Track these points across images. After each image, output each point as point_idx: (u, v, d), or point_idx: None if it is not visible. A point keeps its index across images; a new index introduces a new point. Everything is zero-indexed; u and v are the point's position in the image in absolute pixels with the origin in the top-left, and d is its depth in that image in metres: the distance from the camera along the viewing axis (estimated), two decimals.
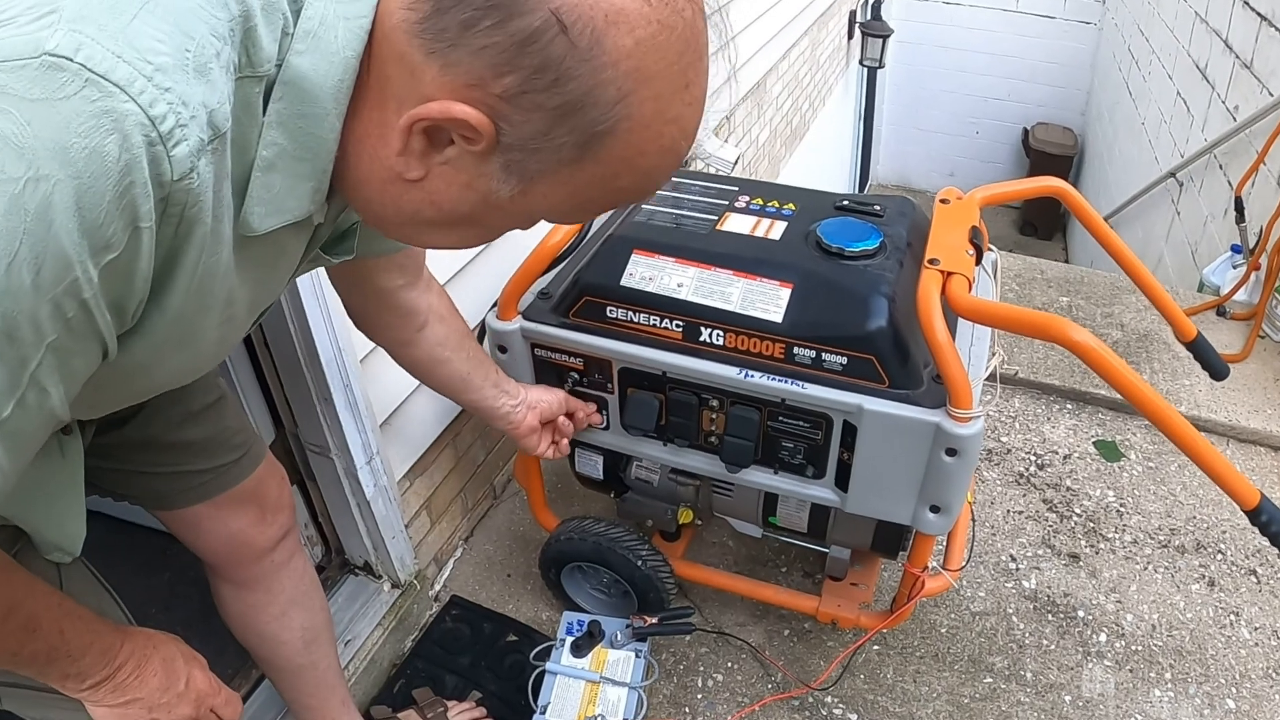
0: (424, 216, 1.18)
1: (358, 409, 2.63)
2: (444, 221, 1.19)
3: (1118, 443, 3.91)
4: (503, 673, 2.99)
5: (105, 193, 0.91)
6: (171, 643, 1.65)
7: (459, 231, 1.23)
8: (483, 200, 1.14)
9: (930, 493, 2.29)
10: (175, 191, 0.97)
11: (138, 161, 0.92)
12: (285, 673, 2.35)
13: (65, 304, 0.94)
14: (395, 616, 3.04)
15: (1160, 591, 3.29)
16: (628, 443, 2.62)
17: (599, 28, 1.01)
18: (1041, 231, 11.18)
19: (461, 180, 1.12)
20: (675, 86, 1.09)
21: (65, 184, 0.89)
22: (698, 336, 2.35)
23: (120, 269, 0.98)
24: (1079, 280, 4.88)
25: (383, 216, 1.21)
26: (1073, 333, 1.93)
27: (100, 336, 1.02)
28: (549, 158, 1.09)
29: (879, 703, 2.93)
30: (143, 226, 0.96)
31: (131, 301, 1.04)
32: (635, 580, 2.84)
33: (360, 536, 2.93)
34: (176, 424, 1.88)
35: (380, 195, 1.16)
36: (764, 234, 2.43)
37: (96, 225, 0.92)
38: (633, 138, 1.09)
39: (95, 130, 0.89)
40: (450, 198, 1.14)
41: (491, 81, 1.02)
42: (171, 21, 0.96)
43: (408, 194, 1.15)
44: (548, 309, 2.51)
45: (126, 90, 0.91)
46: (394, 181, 1.14)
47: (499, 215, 1.18)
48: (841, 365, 2.24)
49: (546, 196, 1.14)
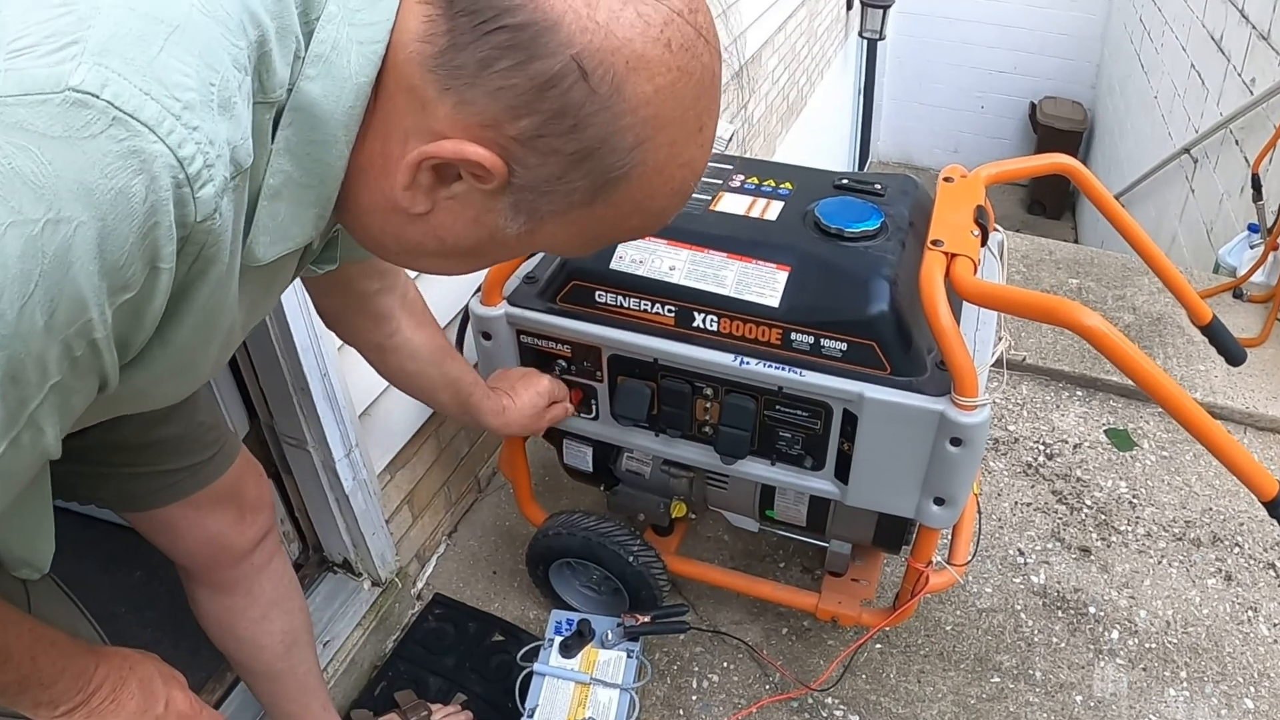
0: (426, 249, 1.18)
1: (335, 399, 2.62)
2: (444, 253, 1.19)
3: (1130, 431, 3.92)
4: (488, 674, 2.99)
5: (129, 235, 0.91)
6: (149, 662, 1.64)
7: (458, 261, 1.23)
8: (489, 236, 1.15)
9: (934, 484, 2.29)
10: (197, 232, 0.97)
11: (164, 204, 0.92)
12: (264, 677, 2.35)
13: (75, 344, 0.94)
14: (376, 616, 3.03)
15: (1175, 586, 3.29)
16: (618, 433, 2.62)
17: (619, 74, 1.01)
18: (1050, 211, 11.18)
19: (468, 216, 1.12)
20: (689, 130, 1.10)
21: (88, 226, 0.88)
22: (691, 322, 2.35)
23: (133, 308, 0.98)
24: (1089, 261, 4.89)
25: (383, 245, 1.21)
26: (1082, 316, 1.93)
27: (103, 373, 1.02)
28: (560, 200, 1.09)
29: (881, 704, 2.94)
30: (162, 267, 0.96)
31: (138, 337, 1.03)
32: (626, 577, 2.84)
33: (339, 533, 2.93)
34: (147, 423, 1.87)
35: (382, 225, 1.17)
36: (760, 214, 2.42)
37: (117, 267, 0.92)
38: (645, 182, 1.10)
39: (122, 171, 0.88)
40: (455, 232, 1.15)
41: (507, 124, 1.02)
42: (197, 54, 0.94)
43: (411, 226, 1.15)
44: (534, 294, 2.51)
45: (155, 130, 0.90)
46: (397, 213, 1.14)
47: (502, 250, 1.19)
48: (841, 351, 2.24)
49: (554, 235, 1.15)
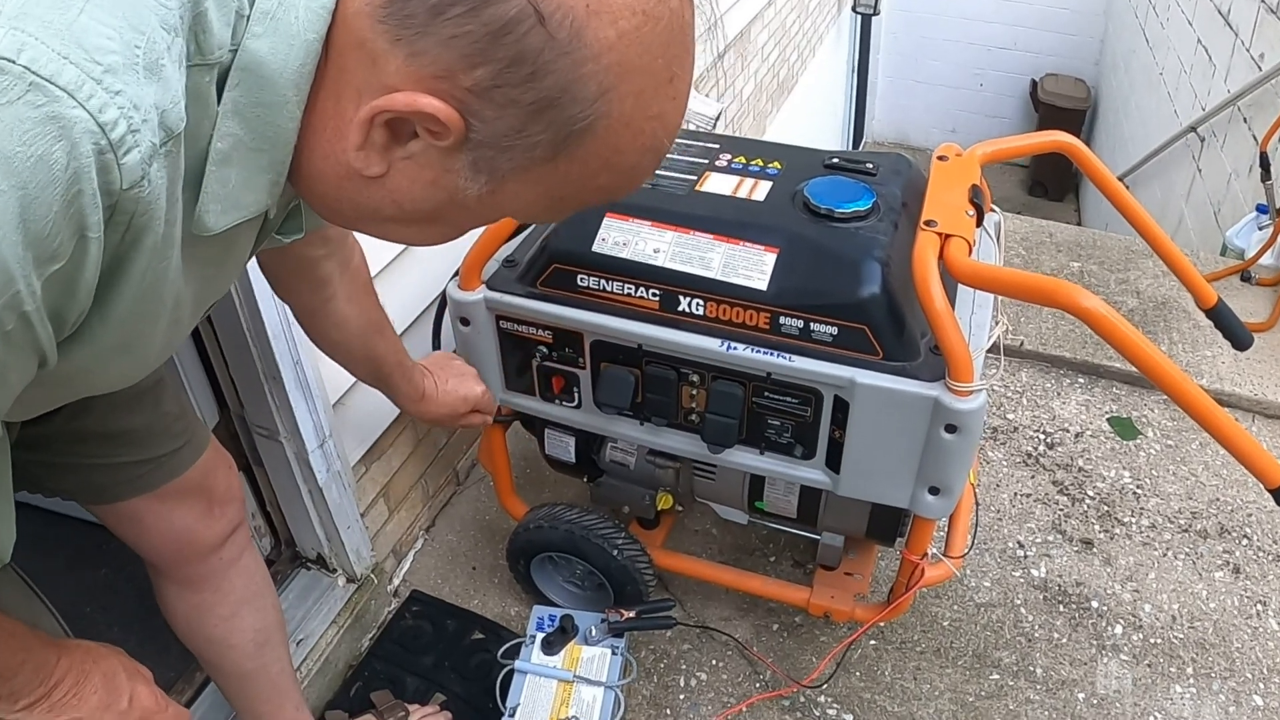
0: (384, 214, 1.17)
1: (309, 388, 2.63)
2: (404, 219, 1.18)
3: (1134, 419, 3.94)
4: (468, 673, 3.00)
5: (52, 203, 0.91)
6: (113, 656, 1.65)
7: (420, 229, 1.22)
8: (449, 199, 1.13)
9: (929, 473, 2.30)
10: (124, 200, 0.97)
11: (86, 171, 0.92)
12: (234, 677, 2.36)
13: (4, 317, 0.94)
14: (351, 613, 3.04)
15: (1181, 580, 3.31)
16: (601, 422, 2.63)
17: (579, 18, 1.00)
18: (1052, 192, 11.20)
19: (426, 177, 1.11)
20: (659, 81, 1.08)
21: (8, 194, 0.88)
22: (676, 306, 2.36)
23: (64, 279, 0.98)
24: (1091, 244, 4.91)
25: (339, 212, 1.20)
26: (1080, 298, 1.94)
27: (39, 348, 1.02)
28: (522, 156, 1.08)
29: (876, 701, 2.96)
30: (90, 236, 0.96)
31: (73, 311, 1.04)
32: (611, 571, 2.85)
33: (312, 527, 2.93)
34: (111, 412, 1.88)
35: (337, 191, 1.15)
36: (747, 195, 2.43)
37: (42, 237, 0.92)
38: (612, 136, 1.08)
39: (40, 138, 0.88)
40: (413, 195, 1.13)
41: (462, 74, 1.01)
42: (120, 15, 0.94)
43: (367, 190, 1.14)
44: (513, 278, 2.52)
45: (74, 95, 0.90)
46: (352, 178, 1.13)
47: (464, 214, 1.18)
48: (832, 336, 2.25)
49: (518, 195, 1.14)
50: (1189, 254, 4.90)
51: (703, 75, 5.15)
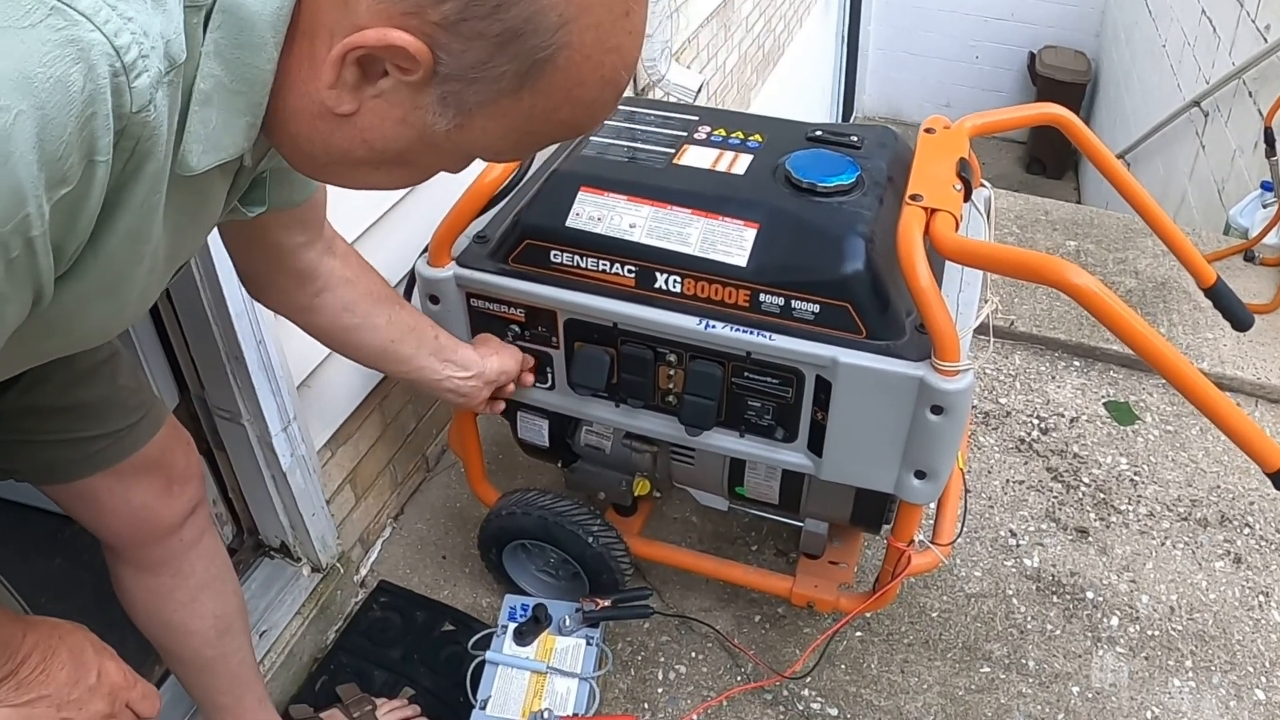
0: (355, 155, 1.23)
1: (272, 369, 2.64)
2: (375, 160, 1.24)
3: (1131, 404, 3.96)
4: (438, 666, 3.02)
5: (68, 124, 0.96)
6: (79, 632, 1.66)
7: (389, 171, 1.28)
8: (418, 136, 1.20)
9: (915, 456, 2.32)
10: (132, 124, 1.03)
11: (101, 93, 0.98)
12: (194, 667, 2.36)
13: (12, 243, 0.98)
14: (316, 604, 3.06)
15: (1180, 570, 3.34)
16: (575, 404, 2.64)
17: None
18: (1051, 169, 11.20)
19: (396, 115, 1.18)
20: (615, 14, 1.16)
21: (27, 115, 0.93)
22: (652, 283, 2.37)
23: (70, 205, 1.03)
24: (1088, 222, 4.93)
25: (311, 155, 1.26)
26: (1070, 275, 1.95)
27: (38, 280, 1.06)
28: (488, 89, 1.15)
29: (862, 695, 2.98)
30: (99, 160, 1.02)
31: (73, 242, 1.09)
32: (586, 560, 2.87)
33: (276, 514, 2.94)
34: (64, 386, 1.88)
35: (309, 132, 1.21)
36: (726, 168, 2.45)
37: (56, 158, 0.97)
38: (573, 68, 1.15)
39: (60, 60, 0.94)
40: (383, 134, 1.20)
41: (430, 9, 1.08)
42: None
43: (339, 130, 1.20)
44: (484, 254, 2.53)
45: (92, 19, 0.96)
46: (324, 117, 1.19)
47: (433, 153, 1.24)
48: (813, 314, 2.27)
49: (485, 131, 1.20)
50: (1191, 233, 4.92)
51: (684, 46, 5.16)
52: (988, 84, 11.53)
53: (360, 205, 2.73)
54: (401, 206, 2.91)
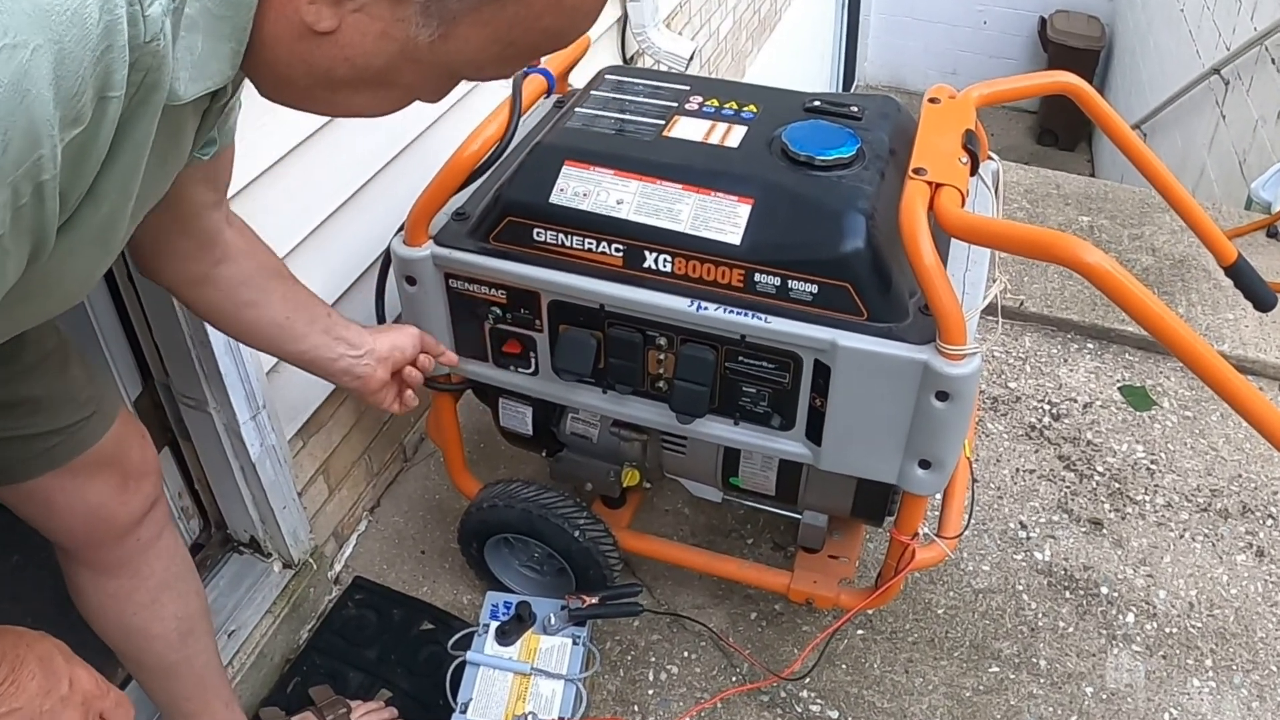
0: (337, 75, 1.25)
1: (239, 354, 2.63)
2: (357, 80, 1.26)
3: (1148, 388, 3.96)
4: (416, 667, 3.01)
5: (85, 58, 0.98)
6: (47, 640, 1.65)
7: (372, 92, 1.30)
8: (400, 51, 1.22)
9: (919, 445, 2.32)
10: (144, 55, 1.05)
11: (118, 23, 1.00)
12: (156, 671, 2.35)
13: (22, 188, 1.00)
14: (288, 602, 3.05)
15: (1199, 563, 3.34)
16: (560, 390, 2.64)
17: None
18: (1063, 141, 11.19)
19: (377, 28, 1.20)
20: None
21: (45, 50, 0.94)
22: (641, 262, 2.36)
23: (80, 147, 1.05)
24: (1102, 196, 4.92)
25: (290, 79, 1.27)
26: (1082, 252, 1.95)
27: (43, 231, 1.08)
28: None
29: (864, 696, 2.97)
30: (111, 96, 1.04)
31: (77, 188, 1.11)
32: (572, 554, 2.86)
33: (245, 507, 2.94)
34: (10, 380, 1.86)
35: (289, 55, 1.23)
36: (719, 141, 2.44)
37: (71, 95, 0.99)
38: None
39: None
40: (365, 50, 1.22)
41: None
42: None
43: (320, 49, 1.22)
44: (464, 232, 2.52)
45: None
46: (305, 37, 1.21)
47: (416, 70, 1.26)
48: (811, 295, 2.26)
49: (468, 41, 1.23)
50: (1210, 208, 4.92)
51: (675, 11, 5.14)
52: (996, 51, 11.51)
53: (333, 182, 2.73)
54: (377, 182, 2.90)
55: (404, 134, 2.97)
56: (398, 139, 2.96)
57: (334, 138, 2.65)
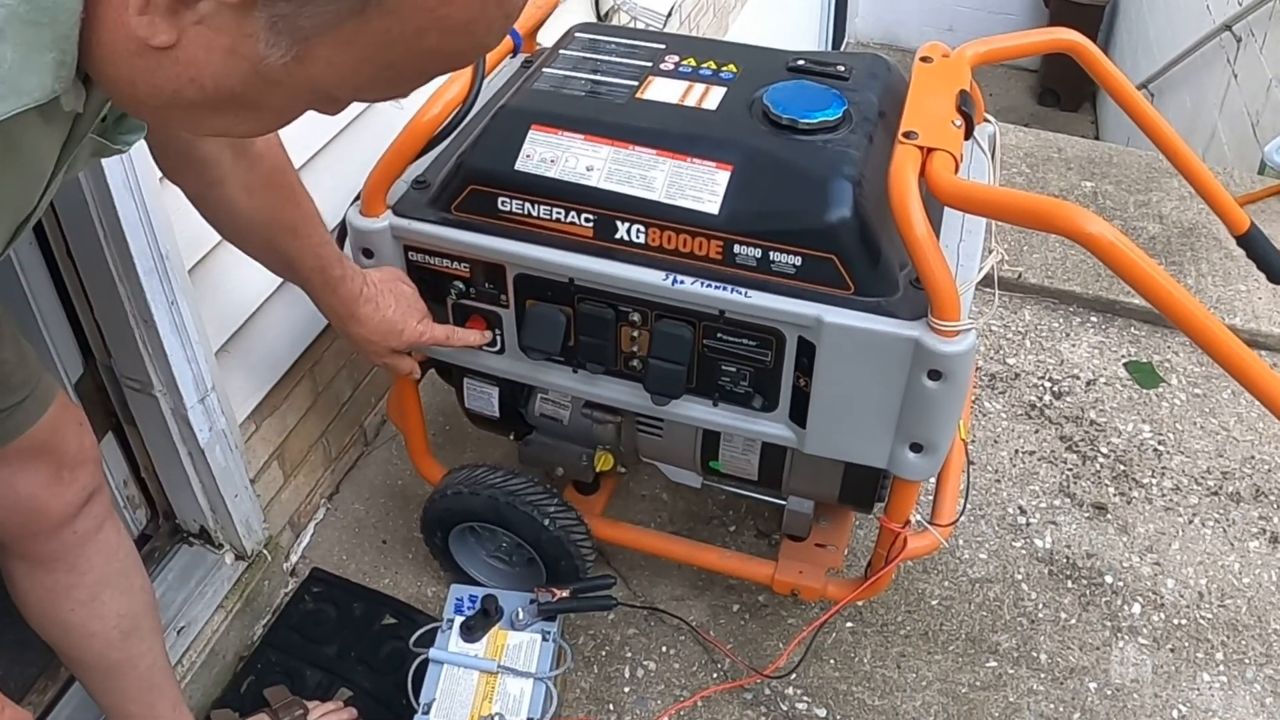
0: (186, 97, 1.16)
1: (187, 332, 2.61)
2: (211, 103, 1.17)
3: (1155, 364, 3.96)
4: (378, 664, 3.01)
5: None
6: None
7: (235, 116, 1.22)
8: (253, 71, 1.13)
9: (910, 427, 2.31)
10: None
11: None
12: (98, 671, 2.34)
13: None
14: (241, 596, 3.04)
15: (1209, 550, 3.33)
16: (528, 370, 2.63)
17: None
18: (1066, 101, 11.20)
19: (222, 44, 1.11)
20: None
21: None
22: (613, 233, 2.35)
23: None
24: (1106, 160, 4.92)
25: (136, 99, 1.20)
26: (1083, 222, 1.94)
27: None
28: (323, 9, 1.08)
29: (853, 693, 2.97)
30: None
31: None
32: (542, 544, 2.85)
33: (194, 495, 2.92)
34: None
35: (130, 72, 1.15)
36: (696, 103, 2.42)
37: None
38: None
39: None
40: (212, 70, 1.13)
41: None
42: None
43: (161, 68, 1.14)
44: (424, 201, 2.50)
45: None
46: (142, 53, 1.13)
47: (279, 92, 1.17)
48: (795, 267, 2.25)
49: (331, 63, 1.13)
50: (1222, 173, 4.91)
51: None
52: (994, 5, 11.52)
53: None
54: (331, 148, 2.88)
55: None
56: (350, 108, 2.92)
57: None
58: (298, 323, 3.04)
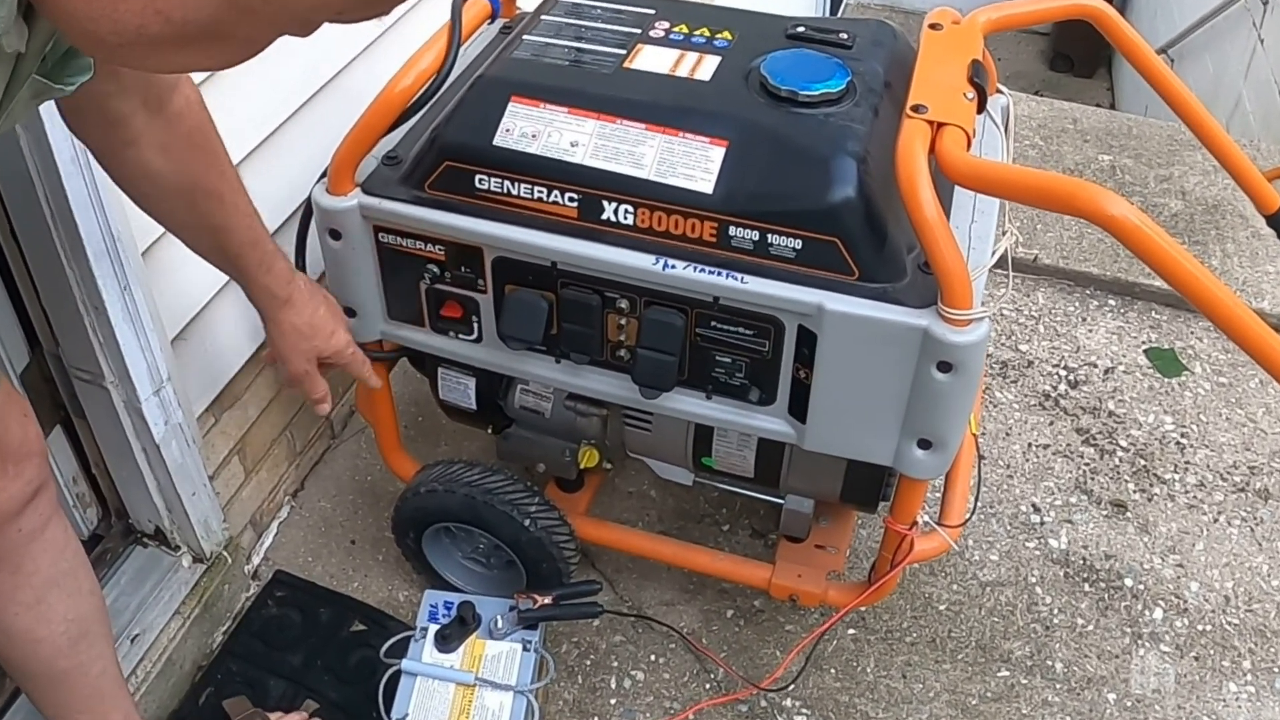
0: (151, 32, 1.11)
1: (140, 319, 2.60)
2: (179, 37, 1.13)
3: (1177, 351, 3.96)
4: (346, 674, 3.00)
5: None
6: None
7: (203, 49, 1.18)
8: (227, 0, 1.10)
9: (918, 422, 2.30)
10: None
11: None
12: (44, 680, 2.33)
13: None
14: (199, 601, 3.03)
15: (1236, 551, 3.34)
16: (508, 359, 2.62)
17: None
18: (1080, 66, 11.18)
19: None
20: None
21: None
22: (599, 214, 2.34)
23: None
24: (1125, 132, 4.91)
25: (96, 37, 1.14)
26: (1106, 204, 1.93)
27: None
28: None
29: (856, 705, 2.97)
30: None
31: None
32: (522, 546, 2.85)
33: (148, 493, 2.91)
34: None
35: (88, 8, 1.10)
36: (689, 73, 2.42)
37: None
38: None
39: None
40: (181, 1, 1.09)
41: None
42: None
43: (125, 2, 1.09)
44: (395, 179, 2.49)
45: None
46: None
47: (252, 20, 1.14)
48: (795, 251, 2.24)
49: None
50: (1248, 146, 4.91)
51: None
52: None
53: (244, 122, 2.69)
54: (297, 121, 2.87)
55: (326, 66, 2.93)
56: (319, 72, 2.92)
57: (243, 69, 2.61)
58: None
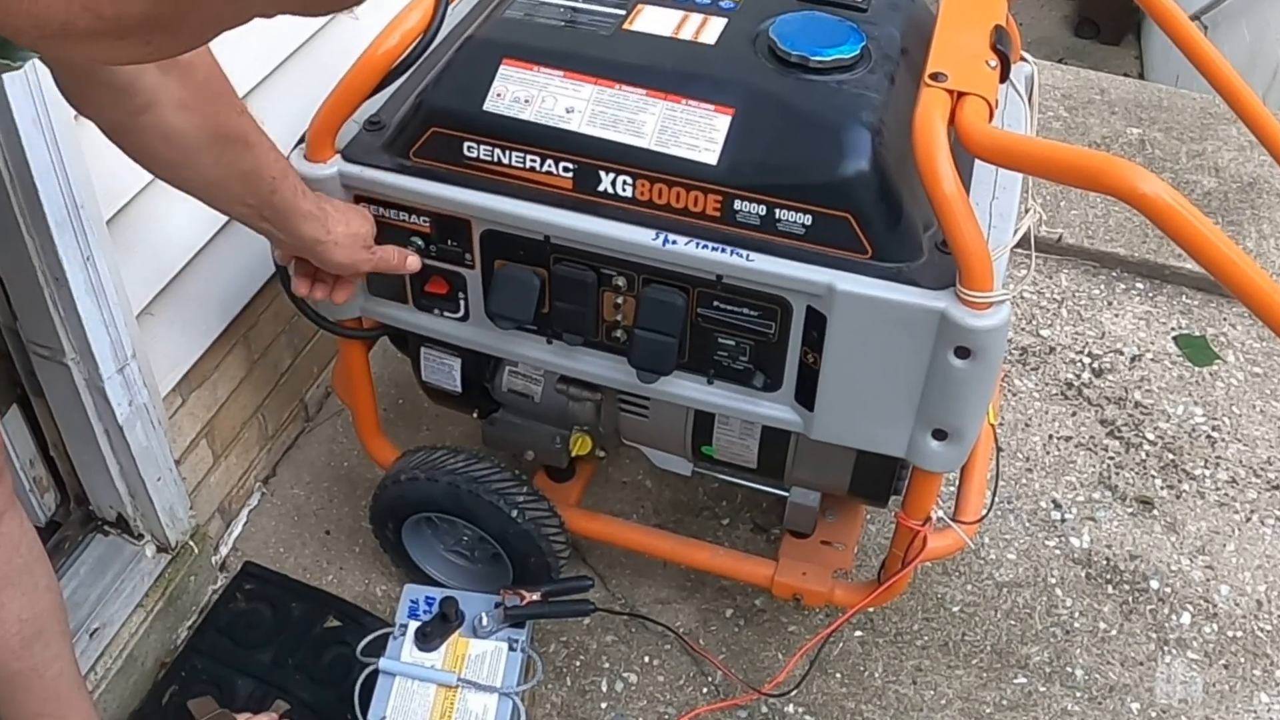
0: (78, 27, 1.04)
1: (104, 292, 2.59)
2: (114, 31, 1.06)
3: (1209, 338, 3.96)
4: (319, 673, 3.00)
5: None
6: None
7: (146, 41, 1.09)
8: None
9: (933, 412, 2.30)
10: None
11: None
12: None
13: None
14: (163, 593, 3.03)
15: (1269, 552, 3.34)
16: (496, 339, 2.62)
17: None
18: (1106, 33, 11.12)
19: None
20: None
21: None
22: (595, 185, 2.34)
23: None
24: (1155, 104, 4.91)
25: (15, 29, 1.07)
26: (1137, 181, 1.92)
27: None
28: None
29: (863, 712, 2.97)
30: None
31: None
32: (509, 539, 2.85)
33: (110, 478, 2.91)
34: None
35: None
36: (693, 36, 2.41)
37: None
38: None
39: None
40: None
41: None
42: None
43: None
44: (378, 145, 2.49)
45: None
46: None
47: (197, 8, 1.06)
48: (804, 227, 2.24)
49: None
50: None
51: None
52: None
53: None
54: (273, 83, 2.87)
55: (305, 26, 2.92)
56: (297, 31, 2.91)
57: None
58: (231, 281, 3.03)
